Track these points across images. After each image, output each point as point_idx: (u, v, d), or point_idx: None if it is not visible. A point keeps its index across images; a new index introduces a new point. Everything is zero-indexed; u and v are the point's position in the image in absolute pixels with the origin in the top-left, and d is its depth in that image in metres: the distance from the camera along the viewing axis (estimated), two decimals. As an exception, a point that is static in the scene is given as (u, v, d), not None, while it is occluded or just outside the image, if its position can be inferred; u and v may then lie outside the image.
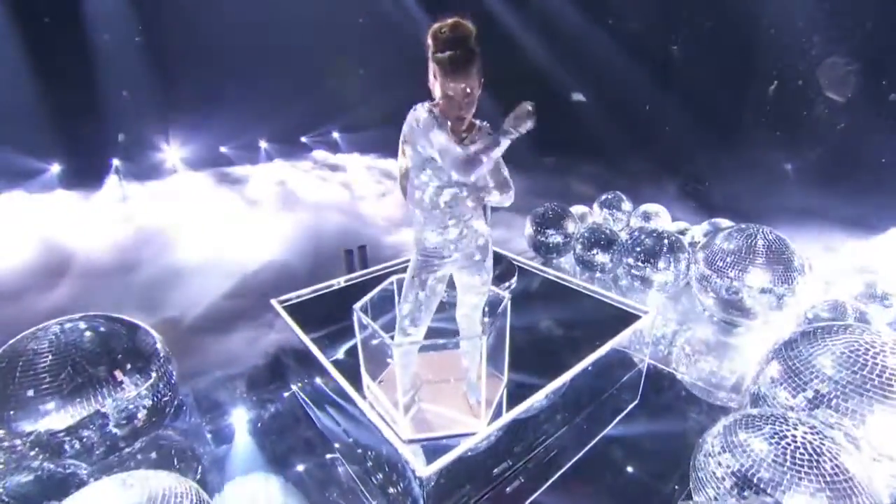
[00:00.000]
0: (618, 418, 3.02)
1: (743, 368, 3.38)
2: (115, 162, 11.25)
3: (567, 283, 3.78)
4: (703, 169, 7.78)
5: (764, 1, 7.33)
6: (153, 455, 2.62)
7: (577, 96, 10.15)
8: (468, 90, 1.81)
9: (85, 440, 2.27)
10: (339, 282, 3.92)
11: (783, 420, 1.82)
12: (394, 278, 2.65)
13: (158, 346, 2.69)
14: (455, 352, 2.71)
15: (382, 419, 2.20)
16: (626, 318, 3.32)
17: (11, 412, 2.16)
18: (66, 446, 2.25)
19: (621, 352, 3.30)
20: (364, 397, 2.43)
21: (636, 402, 3.20)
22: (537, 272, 4.04)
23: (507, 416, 2.31)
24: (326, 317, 3.31)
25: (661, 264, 4.00)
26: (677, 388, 3.30)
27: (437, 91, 1.84)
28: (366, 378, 2.54)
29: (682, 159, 8.03)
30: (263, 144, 14.98)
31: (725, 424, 1.93)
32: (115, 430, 2.38)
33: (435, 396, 2.51)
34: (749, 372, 3.03)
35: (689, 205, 6.59)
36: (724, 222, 4.72)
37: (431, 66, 1.82)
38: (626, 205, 5.58)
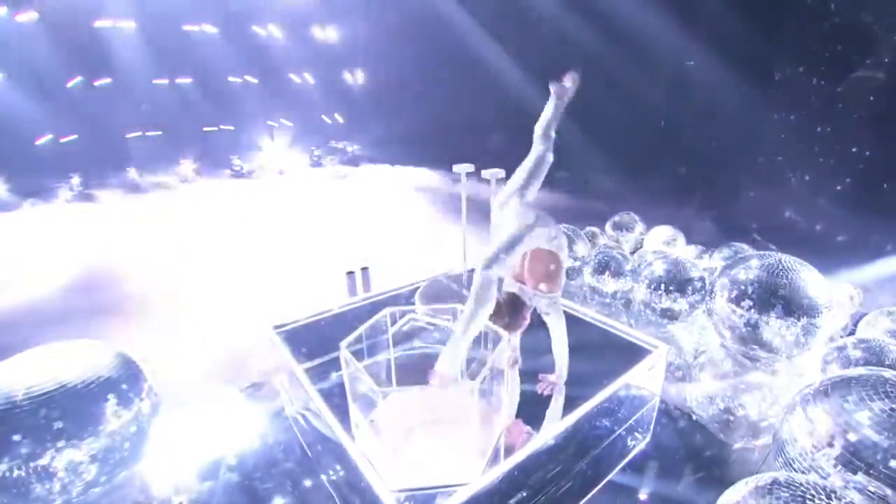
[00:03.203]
0: (626, 460, 2.81)
1: (762, 408, 3.14)
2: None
3: (574, 313, 3.59)
4: (724, 189, 7.51)
5: (788, 10, 7.12)
6: (129, 490, 2.50)
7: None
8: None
9: (56, 479, 2.16)
10: (333, 308, 3.80)
11: (814, 492, 1.62)
12: (387, 310, 2.51)
13: (143, 372, 2.59)
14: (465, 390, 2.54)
15: (371, 463, 2.05)
16: (636, 352, 3.13)
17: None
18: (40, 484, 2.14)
19: (631, 388, 3.11)
20: (352, 437, 2.28)
21: (647, 440, 2.99)
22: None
23: (505, 465, 2.13)
24: (322, 343, 3.20)
25: (674, 293, 3.79)
26: (690, 428, 3.08)
27: None
28: (354, 416, 2.40)
29: (702, 177, 7.78)
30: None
31: (744, 495, 1.72)
32: (88, 469, 2.26)
33: (430, 438, 2.34)
34: (769, 413, 2.80)
35: (706, 227, 6.34)
36: (744, 248, 4.48)
37: None
38: (639, 226, 5.38)
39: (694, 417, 3.10)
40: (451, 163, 4.15)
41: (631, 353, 3.17)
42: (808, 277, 3.24)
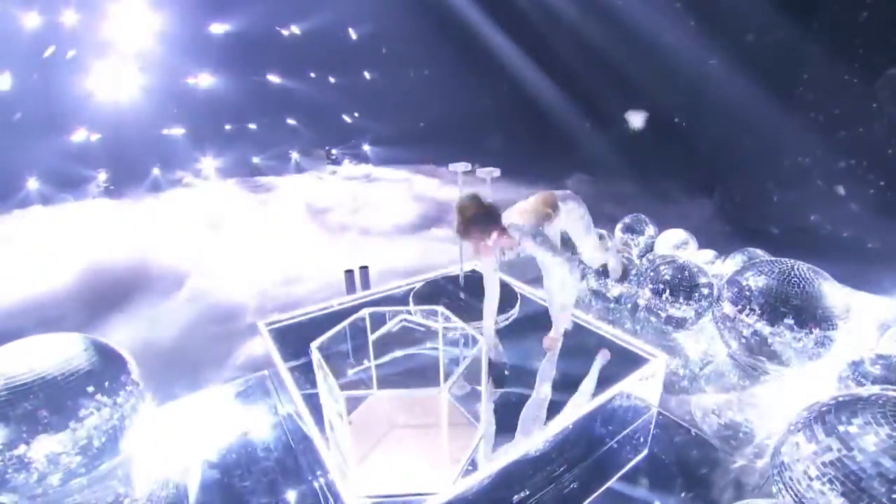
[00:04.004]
0: (619, 474, 2.68)
1: (768, 425, 2.95)
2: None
3: (572, 318, 3.46)
4: (746, 192, 7.18)
5: (818, 4, 6.75)
6: (113, 482, 2.51)
7: (634, 118, 9.58)
8: (477, 246, 2.70)
9: (35, 469, 2.19)
10: (333, 304, 3.77)
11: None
12: (366, 311, 2.45)
13: (129, 365, 2.61)
14: (428, 391, 2.47)
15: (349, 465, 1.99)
16: (633, 361, 2.99)
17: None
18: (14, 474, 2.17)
19: (627, 398, 2.97)
20: (325, 438, 2.24)
21: (643, 454, 2.85)
22: (542, 303, 3.74)
23: (478, 476, 2.04)
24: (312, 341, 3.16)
25: (680, 299, 3.61)
26: (690, 443, 2.91)
27: None
28: (328, 417, 2.34)
29: (718, 179, 7.46)
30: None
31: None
32: (68, 460, 2.28)
33: (403, 443, 2.27)
34: (774, 430, 2.62)
35: (723, 230, 6.07)
36: (758, 253, 4.25)
37: None
38: (650, 229, 5.17)
39: (693, 432, 2.93)
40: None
41: (629, 362, 3.04)
42: (822, 286, 3.03)
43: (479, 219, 2.60)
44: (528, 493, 2.37)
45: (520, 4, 9.70)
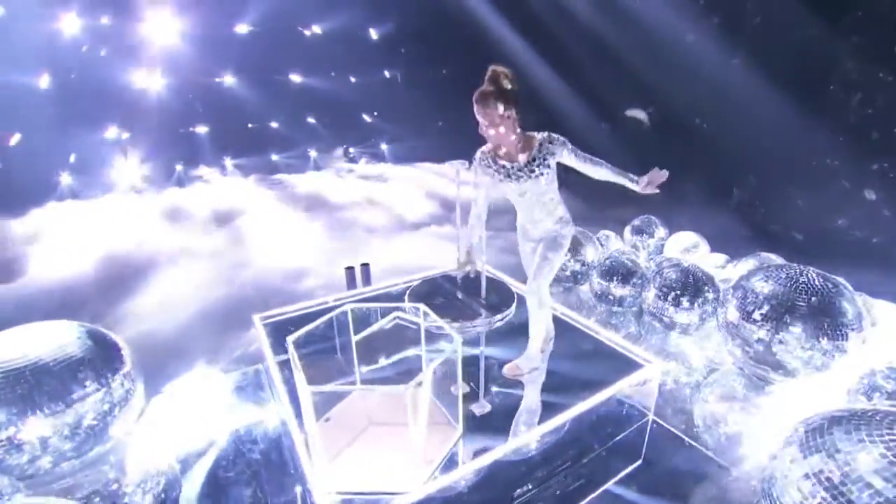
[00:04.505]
0: (609, 483, 2.60)
1: (769, 437, 2.80)
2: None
3: (568, 320, 3.38)
4: (758, 194, 6.88)
5: (848, 7, 6.42)
6: (105, 467, 2.59)
7: (637, 113, 9.42)
8: (483, 121, 2.44)
9: (26, 451, 2.27)
10: (328, 300, 3.79)
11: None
12: (349, 307, 2.45)
13: (123, 355, 2.68)
14: (416, 391, 2.45)
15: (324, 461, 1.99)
16: (629, 366, 2.90)
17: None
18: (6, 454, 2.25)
19: (620, 405, 2.87)
20: (303, 433, 2.24)
21: (637, 463, 2.76)
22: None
23: (449, 478, 2.01)
24: (306, 338, 3.18)
25: (684, 303, 3.48)
26: (687, 454, 2.80)
27: None
28: (305, 412, 2.34)
29: (737, 181, 7.16)
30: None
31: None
32: (59, 444, 2.36)
33: (380, 441, 2.26)
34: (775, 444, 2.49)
35: (742, 234, 5.83)
36: (772, 258, 4.06)
37: None
38: (660, 231, 5.01)
39: (687, 442, 2.82)
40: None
41: (626, 367, 2.94)
42: (833, 293, 2.87)
43: (512, 95, 2.40)
44: (514, 497, 2.32)
45: (536, 5, 9.57)
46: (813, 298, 2.84)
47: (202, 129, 13.58)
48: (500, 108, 2.39)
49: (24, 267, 6.06)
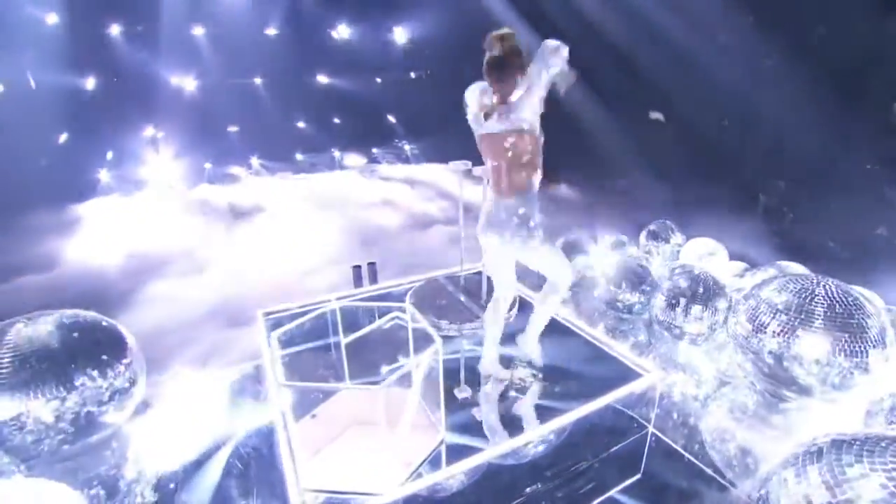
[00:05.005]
0: (603, 496, 2.51)
1: (776, 457, 2.63)
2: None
3: (569, 325, 3.29)
4: (787, 199, 6.50)
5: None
6: (106, 453, 2.69)
7: (656, 115, 9.17)
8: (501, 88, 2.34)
9: (30, 432, 2.38)
10: (331, 298, 3.82)
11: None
12: (336, 305, 2.45)
13: (126, 344, 2.77)
14: (403, 392, 2.43)
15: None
16: (628, 376, 2.79)
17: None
18: (11, 435, 2.37)
19: (618, 416, 2.77)
20: (286, 429, 2.25)
21: (636, 477, 2.66)
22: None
23: (426, 482, 1.97)
24: (307, 334, 3.22)
25: (693, 312, 3.33)
26: (688, 470, 2.67)
27: None
28: (286, 408, 2.36)
29: (761, 186, 6.81)
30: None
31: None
32: (62, 427, 2.46)
33: (363, 440, 2.25)
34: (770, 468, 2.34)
35: (765, 242, 5.54)
36: (793, 267, 3.83)
37: None
38: (677, 237, 4.82)
39: (687, 458, 2.68)
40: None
41: (625, 377, 2.83)
42: (855, 308, 2.67)
43: (518, 51, 2.29)
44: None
45: (558, 5, 9.38)
46: (829, 311, 2.65)
47: (232, 129, 14.05)
48: (518, 78, 2.30)
49: (58, 258, 6.42)
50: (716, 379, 3.35)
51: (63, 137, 11.39)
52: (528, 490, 2.41)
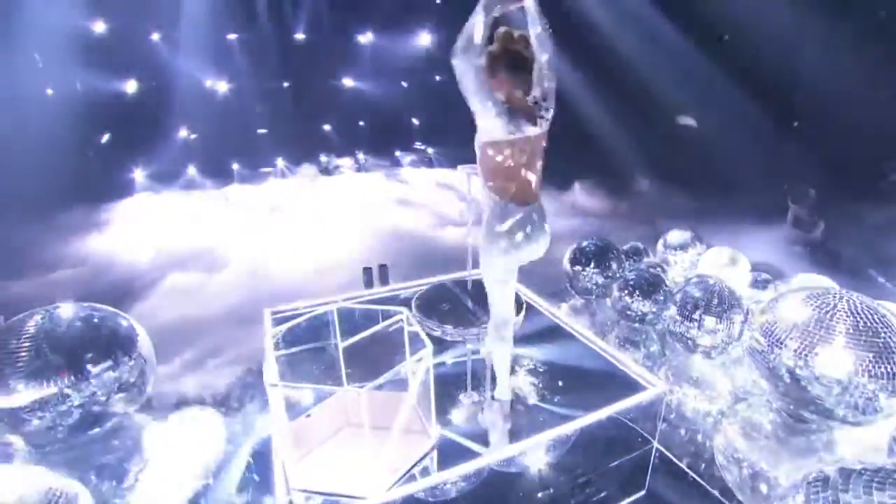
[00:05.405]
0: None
1: (788, 482, 2.48)
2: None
3: (575, 333, 3.21)
4: (818, 209, 6.15)
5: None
6: (114, 442, 2.78)
7: (686, 120, 8.87)
8: (511, 90, 2.05)
9: (44, 419, 2.49)
10: (338, 300, 3.85)
11: None
12: (335, 305, 2.47)
13: (137, 338, 2.87)
14: (398, 395, 2.42)
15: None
16: (633, 388, 2.70)
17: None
18: (31, 421, 2.48)
19: (621, 430, 2.67)
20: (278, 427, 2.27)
21: (640, 494, 2.56)
22: (549, 314, 3.51)
23: (411, 487, 1.95)
24: (307, 334, 3.26)
25: (707, 324, 3.19)
26: (695, 491, 2.56)
27: None
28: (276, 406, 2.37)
29: (791, 195, 6.47)
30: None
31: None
32: (76, 415, 2.57)
33: (350, 443, 2.25)
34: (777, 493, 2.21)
35: (793, 253, 5.27)
36: (820, 280, 3.62)
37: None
38: (697, 246, 4.65)
39: (691, 477, 2.57)
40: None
41: (630, 389, 2.73)
42: (881, 325, 2.50)
43: (528, 61, 2.06)
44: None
45: (587, 10, 9.19)
46: (852, 328, 2.49)
47: (261, 131, 14.47)
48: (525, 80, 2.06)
49: (91, 254, 6.75)
50: (730, 395, 3.20)
51: (105, 138, 12.02)
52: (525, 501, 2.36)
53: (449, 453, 2.26)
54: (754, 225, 5.91)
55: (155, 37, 12.53)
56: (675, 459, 2.68)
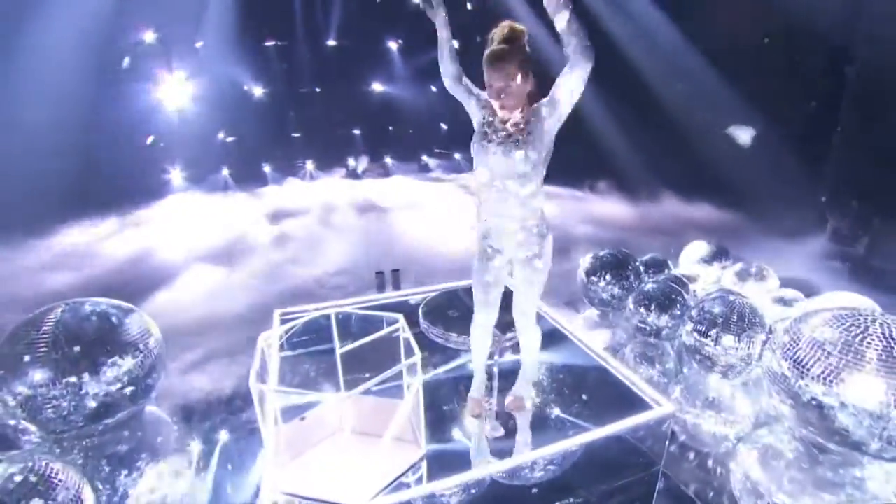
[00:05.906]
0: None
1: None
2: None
3: (581, 347, 3.10)
4: (860, 223, 5.71)
5: None
6: (124, 433, 2.88)
7: (741, 131, 8.20)
8: (499, 84, 1.99)
9: (61, 408, 2.60)
10: (345, 303, 3.88)
11: None
12: (331, 311, 2.48)
13: (151, 333, 2.97)
14: (393, 403, 2.40)
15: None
16: (637, 406, 2.58)
17: (9, 372, 2.57)
18: (48, 410, 2.61)
19: (625, 451, 2.55)
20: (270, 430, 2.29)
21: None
22: (555, 325, 3.41)
23: (396, 498, 1.92)
24: (306, 338, 3.29)
25: (725, 342, 3.02)
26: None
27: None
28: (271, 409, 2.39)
29: (830, 207, 6.06)
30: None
31: None
32: (90, 405, 2.68)
33: (340, 448, 2.24)
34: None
35: (833, 267, 4.93)
36: (856, 299, 3.36)
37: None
38: (722, 260, 4.42)
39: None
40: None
41: (637, 408, 2.61)
42: (916, 351, 2.28)
43: (532, 62, 2.01)
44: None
45: (618, 16, 8.95)
46: (885, 353, 2.29)
47: (294, 135, 14.92)
48: (519, 77, 1.96)
49: (124, 252, 7.11)
50: (747, 419, 3.01)
51: (150, 139, 12.68)
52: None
53: (442, 464, 2.22)
54: (787, 238, 5.57)
55: (198, 44, 13.17)
56: (681, 486, 2.54)
